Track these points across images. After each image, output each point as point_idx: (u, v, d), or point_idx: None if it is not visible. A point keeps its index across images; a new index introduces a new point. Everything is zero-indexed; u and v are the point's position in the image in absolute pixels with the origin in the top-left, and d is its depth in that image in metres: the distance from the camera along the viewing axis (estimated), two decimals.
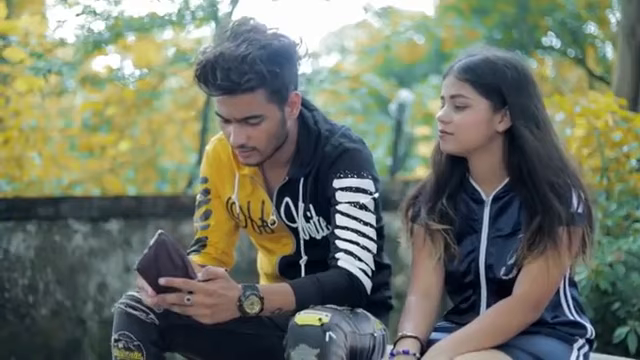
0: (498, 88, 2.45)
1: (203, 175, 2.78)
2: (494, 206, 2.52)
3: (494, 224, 2.51)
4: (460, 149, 2.50)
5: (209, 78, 2.42)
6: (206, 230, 2.76)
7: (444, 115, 2.49)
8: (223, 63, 2.39)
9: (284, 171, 2.64)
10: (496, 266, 2.47)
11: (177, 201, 5.65)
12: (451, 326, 2.58)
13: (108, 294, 5.30)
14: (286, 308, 2.43)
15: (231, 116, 2.48)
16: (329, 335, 2.31)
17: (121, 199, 5.57)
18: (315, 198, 2.61)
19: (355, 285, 2.50)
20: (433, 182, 2.58)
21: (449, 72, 2.50)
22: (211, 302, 2.32)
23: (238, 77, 2.40)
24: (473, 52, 2.51)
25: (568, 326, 2.51)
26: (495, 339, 2.39)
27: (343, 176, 2.57)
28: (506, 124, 2.48)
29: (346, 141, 2.61)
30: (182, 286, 2.31)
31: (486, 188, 2.54)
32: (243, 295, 2.36)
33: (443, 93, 2.50)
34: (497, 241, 2.49)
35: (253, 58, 2.40)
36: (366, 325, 2.55)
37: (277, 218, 2.66)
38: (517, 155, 2.46)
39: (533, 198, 2.43)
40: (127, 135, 7.78)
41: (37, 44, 5.31)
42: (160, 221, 5.46)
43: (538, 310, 2.43)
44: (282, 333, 2.54)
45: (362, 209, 2.54)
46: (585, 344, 2.52)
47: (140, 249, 5.34)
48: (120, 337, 2.50)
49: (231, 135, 2.49)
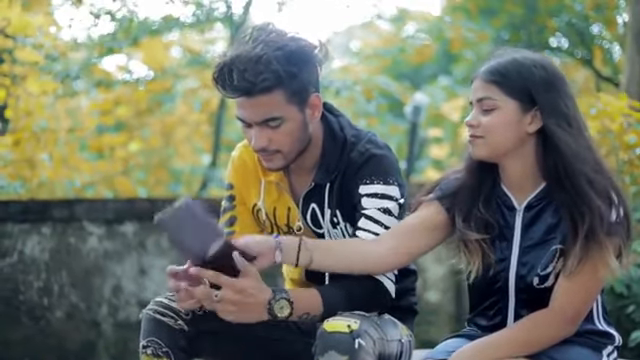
0: (526, 88, 2.41)
1: (228, 181, 2.78)
2: (527, 214, 2.48)
3: (526, 233, 2.47)
4: (491, 153, 2.45)
5: (226, 80, 2.42)
6: (231, 236, 2.75)
7: (472, 119, 2.45)
8: (239, 64, 2.40)
9: (310, 177, 2.64)
10: (528, 276, 2.44)
11: None
12: (476, 333, 2.56)
13: (123, 297, 5.30)
14: (314, 313, 2.42)
15: (251, 119, 2.48)
16: (358, 342, 2.31)
17: (135, 201, 5.58)
18: (341, 204, 2.61)
19: (380, 289, 2.50)
20: (467, 189, 2.54)
21: (476, 76, 2.47)
22: (238, 300, 2.31)
23: (254, 77, 2.40)
24: (500, 54, 2.48)
25: (597, 335, 2.49)
26: (526, 350, 2.37)
27: (369, 182, 2.56)
28: (537, 125, 2.43)
29: (372, 147, 2.60)
30: (214, 280, 2.30)
31: (518, 195, 2.50)
32: (273, 298, 2.36)
33: (471, 98, 2.47)
34: (529, 250, 2.45)
35: (269, 58, 2.40)
36: (393, 331, 2.54)
37: (303, 224, 2.65)
38: (552, 156, 2.41)
39: (575, 201, 2.37)
40: (138, 136, 7.78)
41: (52, 46, 5.30)
42: None
43: (575, 324, 2.41)
44: (308, 339, 2.54)
45: (386, 213, 2.54)
46: (614, 351, 2.51)
47: (155, 251, 5.35)
48: (149, 343, 2.50)
49: (252, 139, 2.49)
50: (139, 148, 8.00)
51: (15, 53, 5.55)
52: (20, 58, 5.68)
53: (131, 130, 7.63)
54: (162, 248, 5.41)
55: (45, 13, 7.16)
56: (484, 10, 12.95)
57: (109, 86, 6.49)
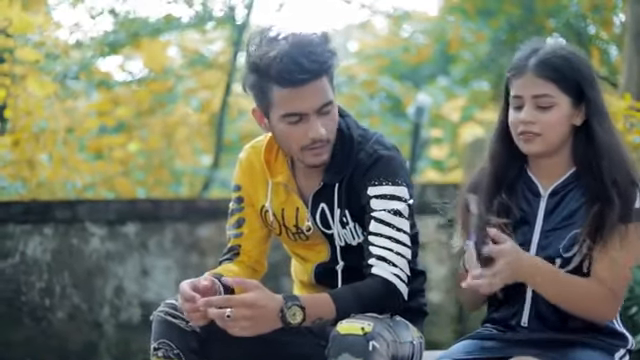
0: (578, 84, 2.45)
1: (236, 183, 2.77)
2: (551, 200, 2.51)
3: (549, 218, 2.50)
4: (547, 149, 2.48)
5: (292, 68, 2.42)
6: (239, 238, 2.75)
7: (529, 116, 2.45)
8: (301, 49, 2.43)
9: (317, 177, 2.63)
10: (548, 258, 2.45)
11: (194, 204, 5.67)
12: (490, 333, 2.57)
13: (125, 297, 5.30)
14: (327, 317, 2.42)
15: (311, 107, 2.48)
16: (372, 344, 2.31)
17: (138, 202, 5.59)
18: (349, 204, 2.61)
19: (391, 291, 2.50)
20: (491, 176, 2.54)
21: (523, 70, 2.45)
22: (252, 314, 2.33)
23: (322, 57, 2.44)
24: (538, 47, 2.48)
25: (610, 336, 2.49)
26: (570, 304, 2.41)
27: (378, 184, 2.56)
28: (582, 119, 2.48)
29: (380, 148, 2.60)
30: (222, 304, 2.33)
31: (545, 181, 2.53)
32: (285, 306, 2.37)
33: (521, 93, 2.46)
34: (550, 234, 2.48)
35: (320, 41, 2.46)
36: (406, 333, 2.54)
37: (312, 224, 2.65)
38: (587, 149, 2.47)
39: (598, 191, 2.43)
40: (137, 137, 7.77)
41: (53, 45, 5.29)
42: (177, 224, 5.47)
43: (618, 301, 2.45)
44: (318, 340, 2.54)
45: (396, 215, 2.54)
46: (626, 354, 2.51)
47: (157, 252, 5.36)
48: (160, 345, 2.49)
49: (309, 131, 2.49)
50: (138, 149, 7.98)
51: (16, 52, 5.53)
52: (20, 57, 5.66)
53: (130, 131, 7.62)
54: (164, 248, 5.42)
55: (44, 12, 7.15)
56: (482, 11, 12.95)
57: (109, 86, 6.47)
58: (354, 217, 2.61)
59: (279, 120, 2.52)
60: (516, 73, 2.47)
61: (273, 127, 2.55)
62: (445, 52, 13.31)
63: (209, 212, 5.50)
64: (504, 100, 2.54)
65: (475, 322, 5.85)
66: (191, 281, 2.47)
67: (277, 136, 2.57)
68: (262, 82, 2.49)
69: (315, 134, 2.50)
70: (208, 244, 5.50)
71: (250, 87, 2.54)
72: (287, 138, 2.54)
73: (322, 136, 2.51)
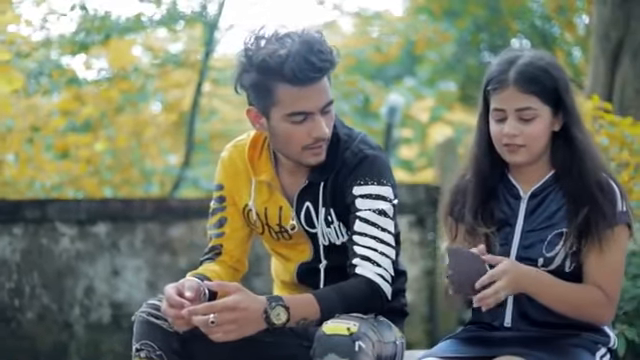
0: (557, 92, 2.49)
1: (218, 182, 2.75)
2: (531, 202, 2.55)
3: (529, 219, 2.53)
4: (531, 158, 2.52)
5: (305, 67, 2.43)
6: (221, 238, 2.74)
7: (513, 129, 2.48)
8: (311, 49, 2.44)
9: (302, 176, 2.63)
10: (530, 259, 2.49)
11: (165, 204, 5.63)
12: (473, 334, 2.58)
13: (95, 298, 5.26)
14: (311, 318, 2.42)
15: (316, 106, 2.49)
16: (358, 345, 2.30)
17: (109, 202, 5.54)
18: (334, 203, 2.61)
19: (375, 291, 2.50)
20: (475, 185, 2.58)
21: (504, 84, 2.48)
22: (235, 317, 2.32)
23: (329, 56, 2.46)
24: (514, 57, 2.51)
25: (593, 332, 2.52)
26: (571, 309, 2.45)
27: (363, 183, 2.57)
28: (560, 124, 2.52)
29: (366, 147, 2.61)
30: (205, 311, 2.32)
31: (524, 184, 2.57)
32: (269, 306, 2.36)
33: (503, 106, 2.49)
34: (531, 235, 2.51)
35: (324, 40, 2.48)
36: (389, 333, 2.55)
37: (297, 223, 2.64)
38: (565, 153, 2.52)
39: (580, 193, 2.48)
40: (104, 136, 7.71)
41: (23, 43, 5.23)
42: (148, 224, 5.44)
43: (614, 302, 2.49)
44: (301, 341, 2.54)
45: (381, 215, 2.55)
46: (607, 353, 2.53)
47: (128, 252, 5.32)
48: (142, 346, 2.48)
49: (313, 130, 2.50)
50: (105, 148, 7.93)
51: None
52: None
53: (97, 130, 7.56)
54: (135, 249, 5.38)
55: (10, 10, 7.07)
56: (447, 11, 13.01)
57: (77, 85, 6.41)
58: (339, 216, 2.61)
59: (282, 119, 2.51)
60: (497, 87, 2.50)
61: (273, 127, 2.54)
62: (411, 53, 13.36)
63: (180, 212, 5.48)
64: (483, 110, 2.57)
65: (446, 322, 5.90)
66: (175, 285, 2.45)
67: (277, 136, 2.55)
68: (267, 80, 2.48)
69: (319, 133, 2.51)
70: (180, 244, 5.47)
71: (250, 86, 2.53)
72: (289, 138, 2.53)
73: (326, 135, 2.52)
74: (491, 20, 13.03)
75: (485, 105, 2.55)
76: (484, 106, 2.56)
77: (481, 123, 2.58)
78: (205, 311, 2.33)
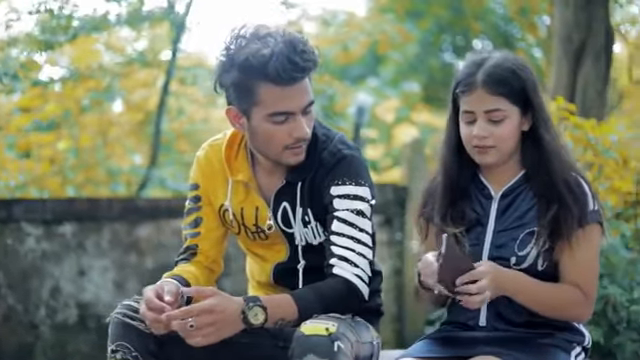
0: (525, 93, 2.51)
1: (194, 182, 2.74)
2: (502, 202, 2.57)
3: (501, 218, 2.55)
4: (501, 159, 2.55)
5: (287, 66, 2.42)
6: (196, 238, 2.72)
7: (482, 131, 2.50)
8: (294, 49, 2.43)
9: (280, 176, 2.63)
10: (502, 258, 2.51)
11: (132, 204, 5.59)
12: (448, 334, 2.59)
13: (61, 298, 5.21)
14: (289, 318, 2.41)
15: (298, 106, 2.48)
16: (337, 345, 2.30)
17: (75, 201, 5.50)
18: (312, 203, 2.60)
19: (353, 291, 2.50)
20: (445, 187, 2.60)
21: (472, 87, 2.50)
22: (213, 319, 2.32)
23: (312, 56, 2.46)
24: (481, 59, 2.53)
25: (568, 331, 2.54)
26: (550, 310, 2.48)
27: (341, 183, 2.57)
28: (529, 124, 2.55)
29: (344, 147, 2.61)
30: (183, 316, 2.32)
31: (495, 184, 2.60)
32: (246, 307, 2.35)
33: (472, 108, 2.51)
34: (503, 234, 2.53)
35: (305, 40, 2.47)
36: (366, 333, 2.56)
37: (274, 223, 2.64)
38: (534, 153, 2.55)
39: (549, 192, 2.51)
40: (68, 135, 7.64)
41: None
42: (115, 224, 5.40)
43: (592, 302, 2.52)
44: (276, 342, 2.53)
45: (359, 215, 2.55)
46: (582, 352, 2.56)
47: (94, 252, 5.28)
48: (118, 348, 2.45)
49: (294, 130, 2.49)
50: (68, 147, 7.85)
51: None
52: None
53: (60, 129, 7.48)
54: (102, 249, 5.34)
55: None
56: (410, 12, 13.06)
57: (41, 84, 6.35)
58: (316, 216, 2.61)
59: (263, 119, 2.50)
60: (465, 90, 2.52)
61: (254, 126, 2.53)
62: (374, 53, 13.39)
63: (148, 212, 5.45)
64: (452, 112, 2.58)
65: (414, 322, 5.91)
66: (155, 288, 2.43)
67: (257, 135, 2.54)
68: (249, 80, 2.46)
69: (300, 134, 2.50)
70: (147, 244, 5.44)
71: (231, 85, 2.51)
72: (270, 138, 2.52)
73: (307, 135, 2.51)
74: (453, 21, 13.11)
75: (454, 107, 2.57)
76: (453, 108, 2.58)
77: (450, 125, 2.60)
78: (183, 315, 2.32)
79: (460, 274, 2.37)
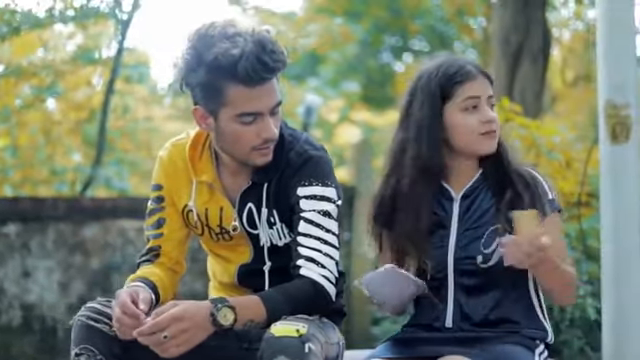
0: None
1: (157, 182, 2.70)
2: (463, 203, 2.59)
3: (463, 219, 2.57)
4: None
5: (257, 66, 2.40)
6: (159, 239, 2.69)
7: (495, 115, 2.56)
8: (263, 48, 2.40)
9: (245, 177, 2.61)
10: (469, 258, 2.53)
11: (77, 204, 5.51)
12: (412, 336, 2.60)
13: (5, 299, 5.13)
14: (257, 320, 2.39)
15: (267, 107, 2.46)
16: (308, 346, 2.29)
17: (19, 201, 5.40)
18: (278, 204, 2.59)
19: (320, 292, 2.49)
20: (422, 185, 2.58)
21: (473, 74, 2.55)
22: (186, 326, 2.30)
23: (281, 56, 2.44)
24: (453, 57, 2.61)
25: (532, 329, 2.56)
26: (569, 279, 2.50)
27: (308, 184, 2.56)
28: None
29: (310, 148, 2.60)
30: (153, 330, 2.29)
31: (455, 186, 2.62)
32: (214, 308, 2.33)
33: (478, 93, 2.55)
34: (466, 234, 2.55)
35: (275, 40, 2.45)
36: (333, 334, 2.55)
37: (239, 224, 2.62)
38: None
39: (503, 187, 2.54)
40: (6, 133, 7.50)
41: None
42: (60, 224, 5.32)
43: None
44: (241, 343, 2.51)
45: (325, 216, 2.54)
46: (545, 349, 2.58)
47: (39, 253, 5.20)
48: (82, 351, 2.41)
49: (262, 131, 2.47)
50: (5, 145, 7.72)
51: None
52: None
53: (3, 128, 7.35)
54: (46, 250, 5.26)
55: None
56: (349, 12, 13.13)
57: None
58: (281, 217, 2.59)
59: (231, 120, 2.47)
60: (466, 77, 2.55)
61: (221, 127, 2.50)
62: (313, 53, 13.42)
63: (93, 212, 5.37)
64: (437, 108, 2.56)
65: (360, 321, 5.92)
66: (130, 292, 2.40)
67: (225, 136, 2.52)
68: (217, 80, 2.43)
69: (268, 134, 2.48)
70: (92, 244, 5.37)
71: (197, 85, 2.48)
72: (238, 138, 2.49)
73: (275, 136, 2.50)
74: (391, 21, 13.21)
75: (437, 104, 2.56)
76: (439, 103, 2.56)
77: (432, 122, 2.57)
78: (152, 329, 2.29)
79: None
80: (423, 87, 2.58)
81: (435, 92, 2.56)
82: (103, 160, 6.87)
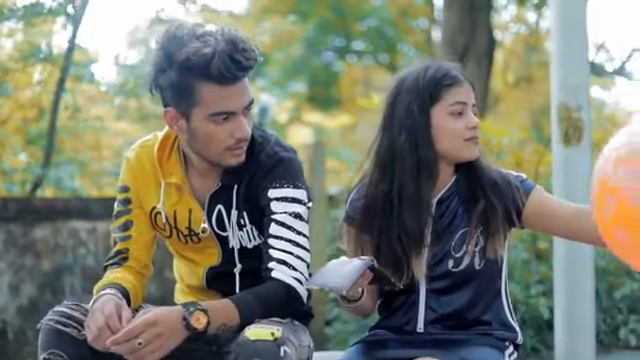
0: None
1: (123, 184, 2.67)
2: (438, 209, 2.58)
3: (435, 224, 2.57)
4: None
5: (230, 64, 2.37)
6: (127, 241, 2.65)
7: (475, 122, 2.55)
8: (235, 47, 2.38)
9: (215, 178, 2.58)
10: (441, 262, 2.54)
11: (29, 204, 5.43)
12: (382, 337, 2.60)
13: None
14: (231, 323, 2.38)
15: (240, 106, 2.45)
16: (283, 350, 2.28)
17: None
18: (248, 206, 2.57)
19: (292, 295, 2.48)
20: (416, 190, 2.55)
21: (459, 80, 2.55)
22: (160, 330, 2.27)
23: (253, 54, 2.41)
24: (438, 62, 2.60)
25: (502, 329, 2.58)
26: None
27: (279, 186, 2.55)
28: None
29: (281, 150, 2.59)
30: (127, 337, 2.27)
31: (433, 192, 2.60)
32: (187, 312, 2.31)
33: (465, 99, 2.54)
34: (438, 240, 2.56)
35: (246, 38, 2.42)
36: (304, 337, 2.55)
37: (208, 226, 2.60)
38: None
39: (476, 191, 2.55)
40: None
41: None
42: (10, 225, 5.23)
43: None
44: (210, 346, 2.50)
45: (297, 218, 2.54)
46: (514, 351, 2.61)
47: None
48: (50, 356, 2.38)
49: (236, 131, 2.45)
50: None
51: None
52: None
53: None
54: None
55: None
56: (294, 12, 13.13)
57: None
58: (251, 219, 2.58)
59: (204, 120, 2.44)
60: (453, 82, 2.54)
61: (194, 128, 2.47)
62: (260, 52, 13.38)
63: (44, 212, 5.30)
64: (426, 111, 2.54)
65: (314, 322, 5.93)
66: (115, 304, 2.36)
67: (197, 137, 2.48)
68: (189, 80, 2.40)
69: (242, 134, 2.47)
70: (43, 246, 5.29)
71: (168, 86, 2.45)
72: (211, 138, 2.47)
73: (248, 135, 2.48)
74: (336, 22, 13.25)
75: (427, 105, 2.54)
76: (428, 104, 2.54)
77: (423, 123, 2.54)
78: (126, 337, 2.27)
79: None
80: (409, 89, 2.54)
81: (423, 93, 2.53)
82: (52, 160, 6.76)
